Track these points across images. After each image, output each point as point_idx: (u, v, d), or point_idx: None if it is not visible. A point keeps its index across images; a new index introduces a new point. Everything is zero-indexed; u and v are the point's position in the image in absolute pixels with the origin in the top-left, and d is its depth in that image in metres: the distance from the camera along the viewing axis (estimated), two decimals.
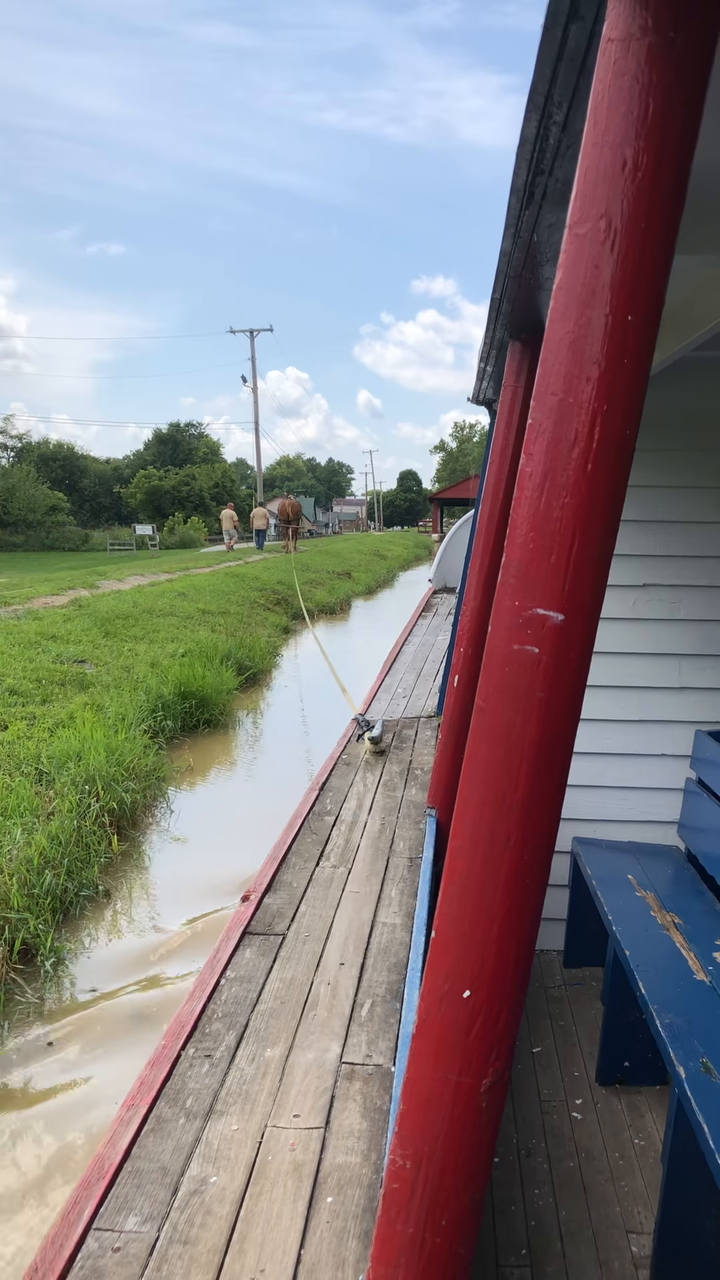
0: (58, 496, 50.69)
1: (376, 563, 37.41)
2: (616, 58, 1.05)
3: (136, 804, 7.23)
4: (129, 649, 11.88)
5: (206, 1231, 1.90)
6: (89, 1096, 3.88)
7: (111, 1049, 4.22)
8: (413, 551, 52.88)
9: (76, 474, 67.12)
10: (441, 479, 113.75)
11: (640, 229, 1.06)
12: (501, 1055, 1.23)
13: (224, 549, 33.62)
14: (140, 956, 5.16)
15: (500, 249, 2.17)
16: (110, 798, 6.82)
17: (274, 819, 5.08)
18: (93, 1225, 1.91)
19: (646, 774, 4.13)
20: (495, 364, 3.64)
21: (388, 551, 45.81)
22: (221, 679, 11.17)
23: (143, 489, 60.97)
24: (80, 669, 10.28)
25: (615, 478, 1.12)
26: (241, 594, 19.13)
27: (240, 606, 17.65)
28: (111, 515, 65.32)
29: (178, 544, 46.72)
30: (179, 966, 5.00)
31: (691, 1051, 2.40)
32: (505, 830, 1.18)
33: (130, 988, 4.83)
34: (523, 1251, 2.58)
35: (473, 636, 3.88)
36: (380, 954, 3.17)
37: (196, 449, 75.59)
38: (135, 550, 41.55)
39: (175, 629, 13.89)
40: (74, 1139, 3.62)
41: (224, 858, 6.47)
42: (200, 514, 58.25)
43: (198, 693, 10.32)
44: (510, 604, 1.16)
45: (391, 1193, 1.29)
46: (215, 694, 10.59)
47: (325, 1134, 2.22)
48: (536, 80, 1.33)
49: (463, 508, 58.74)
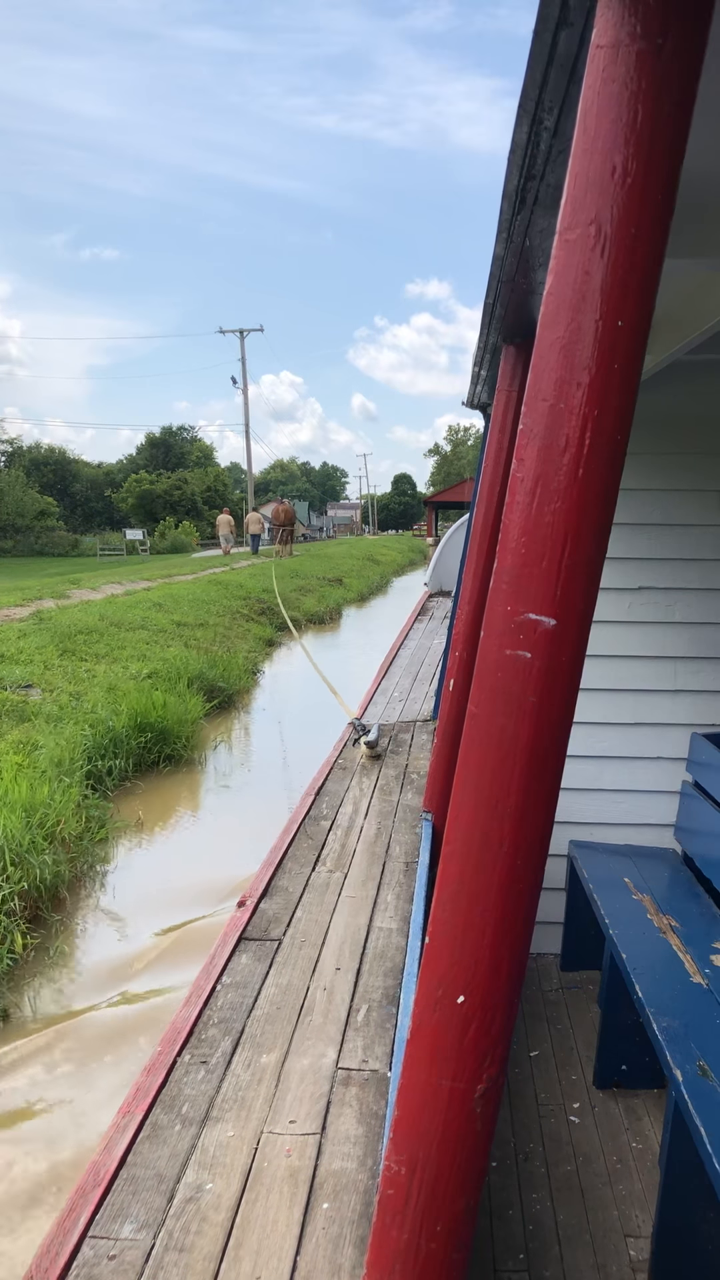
0: (47, 501, 49.98)
1: (369, 568, 36.15)
2: (606, 64, 1.06)
3: (62, 879, 5.83)
4: (86, 670, 10.63)
5: (202, 1239, 1.89)
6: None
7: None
8: (407, 556, 51.73)
9: (68, 478, 66.64)
10: (436, 482, 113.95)
11: (630, 234, 1.06)
12: (496, 1061, 1.22)
13: (218, 554, 33.62)
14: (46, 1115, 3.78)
15: (493, 253, 2.17)
16: (23, 875, 5.41)
17: (238, 880, 4.56)
18: (88, 1233, 1.91)
19: (642, 777, 4.14)
20: (489, 368, 3.65)
21: (381, 556, 44.55)
22: (187, 706, 9.78)
23: (134, 493, 60.14)
24: (23, 697, 8.96)
25: (606, 482, 1.12)
26: (223, 604, 17.92)
27: (220, 618, 16.49)
28: (104, 520, 64.70)
29: (169, 549, 45.87)
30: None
31: (689, 1055, 2.40)
32: (498, 835, 1.18)
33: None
34: (520, 1256, 2.57)
35: (467, 640, 3.88)
36: (376, 959, 3.17)
37: (189, 453, 75.08)
38: (126, 555, 41.14)
39: (144, 645, 12.58)
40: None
41: (165, 946, 5.24)
42: (193, 518, 57.70)
43: (157, 724, 8.91)
44: (502, 609, 1.16)
45: (386, 1199, 1.29)
46: (179, 725, 9.17)
47: (321, 1140, 2.22)
48: (527, 86, 1.34)
49: (457, 511, 58.69)
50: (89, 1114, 3.86)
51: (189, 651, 12.87)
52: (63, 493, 63.80)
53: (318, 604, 22.63)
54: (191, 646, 13.39)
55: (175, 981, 4.80)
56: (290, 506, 36.37)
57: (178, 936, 5.46)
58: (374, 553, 45.64)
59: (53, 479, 63.85)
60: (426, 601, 16.86)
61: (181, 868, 6.59)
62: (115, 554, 42.15)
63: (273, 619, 18.59)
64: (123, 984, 4.94)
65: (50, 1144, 3.71)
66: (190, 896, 5.95)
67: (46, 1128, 3.82)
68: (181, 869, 6.57)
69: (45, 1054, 4.32)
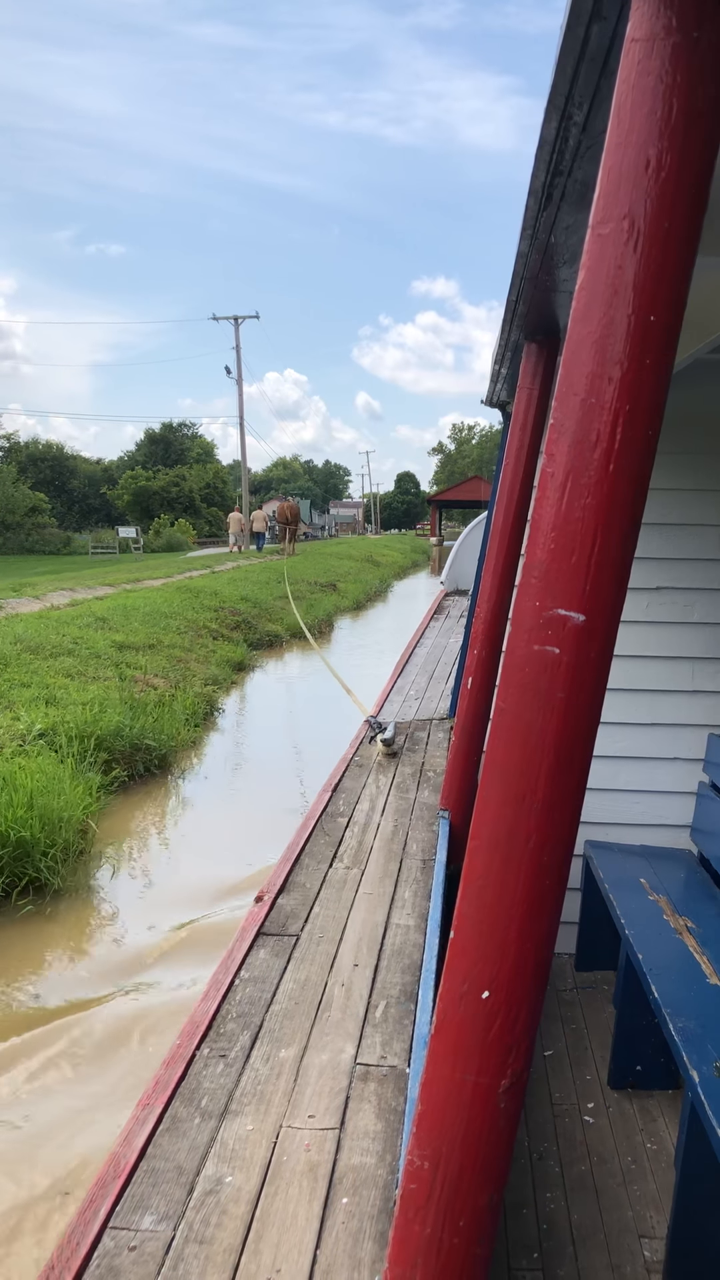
0: (38, 497, 48.44)
1: (368, 571, 33.57)
2: (640, 58, 1.05)
3: None
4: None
5: (222, 1231, 1.90)
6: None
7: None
8: (409, 557, 49.37)
9: (65, 474, 65.69)
10: (440, 481, 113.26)
11: (663, 229, 1.06)
12: (520, 1056, 1.22)
13: (212, 553, 33.49)
14: None
15: (517, 250, 2.17)
16: None
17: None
18: (109, 1224, 1.92)
19: (659, 778, 4.12)
20: (510, 366, 3.64)
21: (382, 557, 42.14)
22: (69, 798, 6.38)
23: (129, 490, 58.85)
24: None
25: (637, 478, 1.12)
26: (187, 616, 15.18)
27: (180, 635, 13.58)
28: (101, 517, 63.51)
29: (164, 547, 44.90)
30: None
31: (705, 1056, 2.39)
32: (525, 830, 1.18)
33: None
34: (534, 1255, 2.57)
35: (487, 639, 3.87)
36: (394, 955, 3.17)
37: (190, 450, 74.17)
38: (119, 554, 40.36)
39: (62, 679, 9.57)
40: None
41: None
42: (191, 516, 56.54)
43: (9, 833, 5.66)
44: (531, 604, 1.16)
45: (409, 1193, 1.29)
46: (52, 828, 5.89)
47: (340, 1135, 2.22)
48: (557, 81, 1.33)
49: (460, 510, 57.90)
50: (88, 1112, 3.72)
51: (126, 686, 9.96)
52: (60, 489, 62.84)
53: (305, 614, 19.01)
54: (129, 678, 10.49)
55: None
56: (295, 504, 36.34)
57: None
58: (374, 553, 43.49)
59: (50, 475, 62.94)
60: (443, 600, 16.85)
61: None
62: (108, 552, 41.44)
63: (249, 634, 16.08)
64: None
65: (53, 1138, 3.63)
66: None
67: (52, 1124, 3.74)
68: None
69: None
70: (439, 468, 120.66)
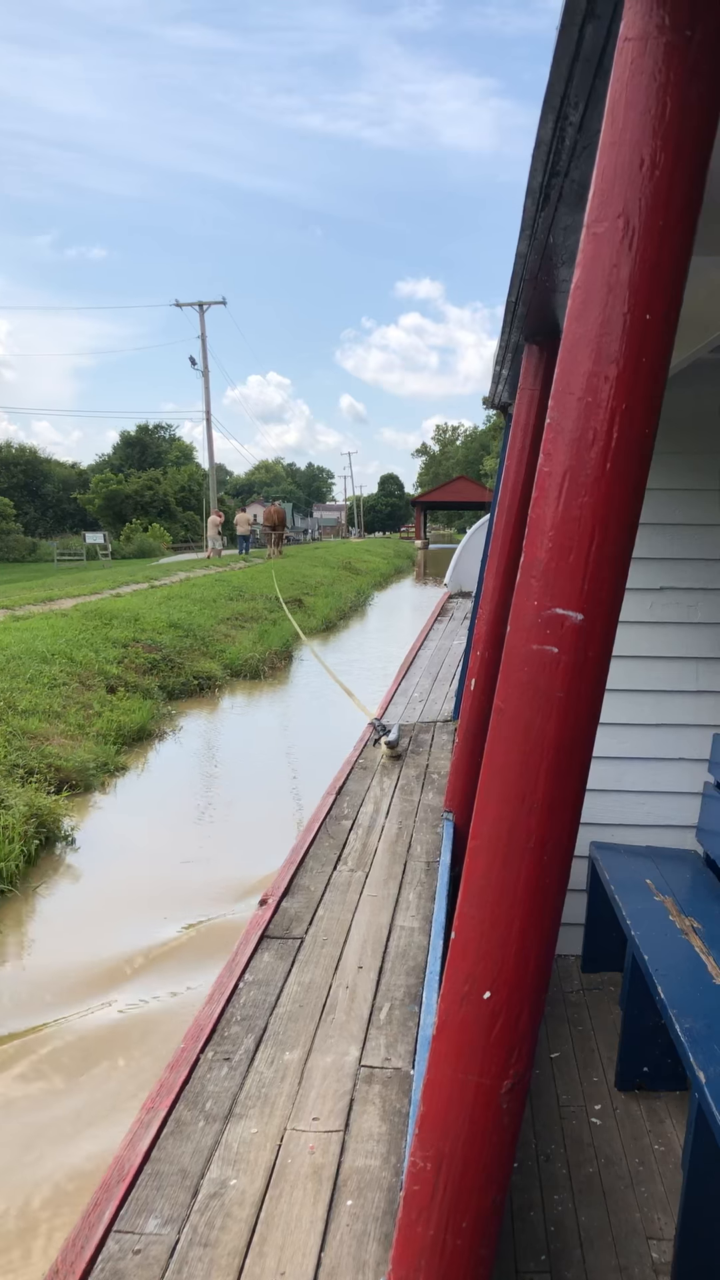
0: (3, 502, 46.87)
1: (344, 580, 28.92)
2: (634, 56, 1.05)
3: None
4: None
5: (226, 1234, 1.90)
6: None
7: None
8: (392, 563, 43.73)
9: (38, 479, 64.06)
10: (424, 483, 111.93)
11: (659, 227, 1.06)
12: (522, 1057, 1.22)
13: (186, 559, 32.81)
14: None
15: (515, 251, 2.17)
16: None
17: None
18: (113, 1227, 1.91)
19: (664, 778, 4.11)
20: (511, 367, 3.64)
21: (362, 564, 37.32)
22: None
23: (100, 494, 56.60)
24: None
25: (635, 476, 1.12)
26: (79, 657, 10.80)
27: (51, 692, 9.39)
28: (76, 522, 60.89)
29: (135, 553, 42.73)
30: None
31: (712, 1056, 2.39)
32: (525, 830, 1.18)
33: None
34: (542, 1257, 2.56)
35: (490, 639, 3.87)
36: (398, 957, 3.17)
37: (168, 452, 72.57)
38: (85, 561, 38.45)
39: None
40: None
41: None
42: (165, 520, 54.39)
43: None
44: (529, 604, 1.16)
45: (412, 1195, 1.29)
46: None
47: (345, 1137, 2.22)
48: (553, 81, 1.33)
49: (446, 512, 56.27)
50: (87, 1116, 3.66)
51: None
52: (34, 494, 61.32)
53: (254, 645, 14.73)
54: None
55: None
56: (281, 508, 36.18)
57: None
58: (353, 559, 38.18)
59: (22, 479, 61.40)
60: (446, 602, 16.85)
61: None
62: (75, 559, 39.67)
63: (167, 678, 11.94)
64: None
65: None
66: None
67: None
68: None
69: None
70: (423, 469, 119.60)
